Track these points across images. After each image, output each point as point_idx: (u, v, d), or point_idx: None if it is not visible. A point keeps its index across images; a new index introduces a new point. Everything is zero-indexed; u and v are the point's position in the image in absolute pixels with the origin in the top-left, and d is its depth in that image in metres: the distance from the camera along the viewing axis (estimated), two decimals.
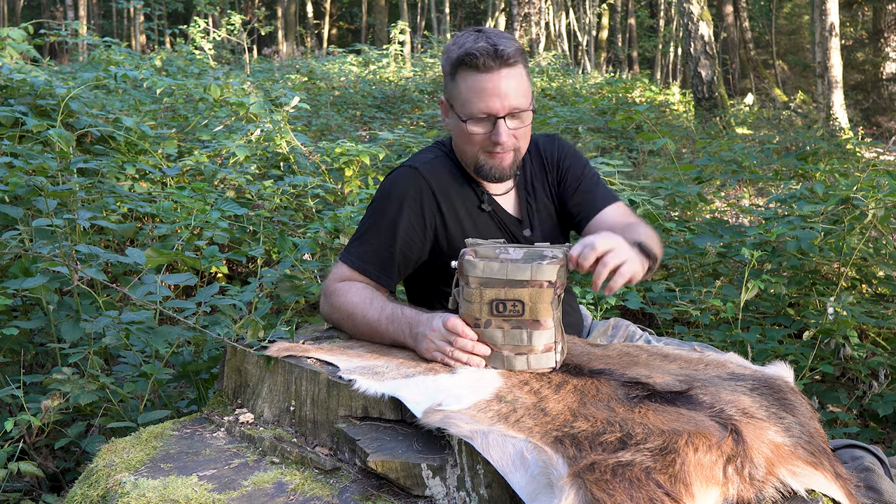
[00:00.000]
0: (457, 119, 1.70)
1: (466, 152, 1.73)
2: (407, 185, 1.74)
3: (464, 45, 1.63)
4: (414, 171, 1.76)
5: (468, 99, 1.64)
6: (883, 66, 14.14)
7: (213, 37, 11.05)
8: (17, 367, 2.23)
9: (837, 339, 2.63)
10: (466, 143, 1.71)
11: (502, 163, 1.71)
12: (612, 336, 1.99)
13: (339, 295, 1.69)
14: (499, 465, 1.13)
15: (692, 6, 9.66)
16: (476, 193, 1.79)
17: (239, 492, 1.26)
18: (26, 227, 2.30)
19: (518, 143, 1.71)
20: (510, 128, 1.66)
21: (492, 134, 1.66)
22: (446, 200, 1.76)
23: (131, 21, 21.11)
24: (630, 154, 6.86)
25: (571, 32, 19.99)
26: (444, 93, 1.74)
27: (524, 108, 1.66)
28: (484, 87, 1.62)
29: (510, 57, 1.62)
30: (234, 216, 3.26)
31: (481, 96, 1.63)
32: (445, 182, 1.76)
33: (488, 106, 1.63)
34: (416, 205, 1.73)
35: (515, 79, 1.64)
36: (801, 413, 1.31)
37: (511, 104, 1.64)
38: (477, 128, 1.67)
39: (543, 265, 1.40)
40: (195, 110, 5.24)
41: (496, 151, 1.69)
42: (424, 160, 1.79)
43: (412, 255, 1.75)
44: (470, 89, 1.64)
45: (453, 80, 1.68)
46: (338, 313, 1.70)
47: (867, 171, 3.48)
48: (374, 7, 22.75)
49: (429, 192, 1.74)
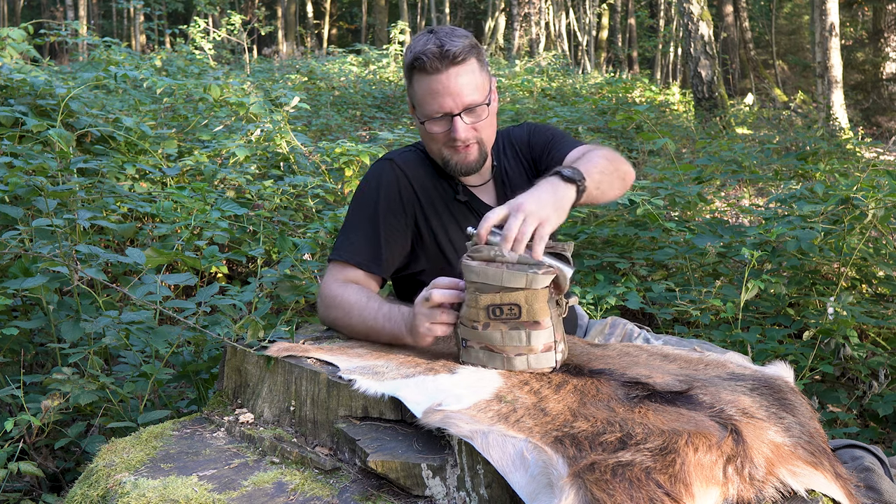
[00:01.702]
0: (418, 121, 1.76)
1: (433, 150, 1.79)
2: (383, 175, 1.80)
3: (414, 48, 1.69)
4: (389, 163, 1.82)
5: (423, 100, 1.70)
6: (883, 66, 14.14)
7: (213, 37, 11.04)
8: (17, 367, 2.23)
9: (837, 339, 2.63)
10: (430, 142, 1.77)
11: (467, 157, 1.76)
12: (610, 335, 1.99)
13: (335, 297, 1.70)
14: (499, 465, 1.13)
15: (692, 6, 9.66)
16: (451, 185, 1.84)
17: (239, 492, 1.26)
18: (26, 227, 2.30)
19: (479, 135, 1.75)
20: (468, 122, 1.71)
21: (450, 131, 1.71)
22: (423, 191, 1.80)
23: (131, 21, 21.11)
24: (630, 154, 6.86)
25: (571, 32, 19.99)
26: (407, 95, 1.80)
27: (478, 102, 1.70)
28: (435, 88, 1.67)
29: (457, 55, 1.65)
30: (234, 216, 3.26)
31: (434, 97, 1.68)
32: (421, 174, 1.82)
33: (441, 105, 1.68)
34: (395, 191, 1.78)
35: (466, 75, 1.68)
36: (801, 413, 1.31)
37: (464, 101, 1.68)
38: (435, 127, 1.72)
39: (539, 274, 1.39)
40: (195, 110, 5.24)
41: (457, 146, 1.73)
42: (399, 153, 1.86)
43: (397, 241, 1.77)
44: (423, 91, 1.69)
45: (410, 83, 1.74)
46: (335, 314, 1.70)
47: (867, 171, 3.48)
48: (374, 7, 22.76)
49: (405, 180, 1.79)
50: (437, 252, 1.81)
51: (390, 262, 1.78)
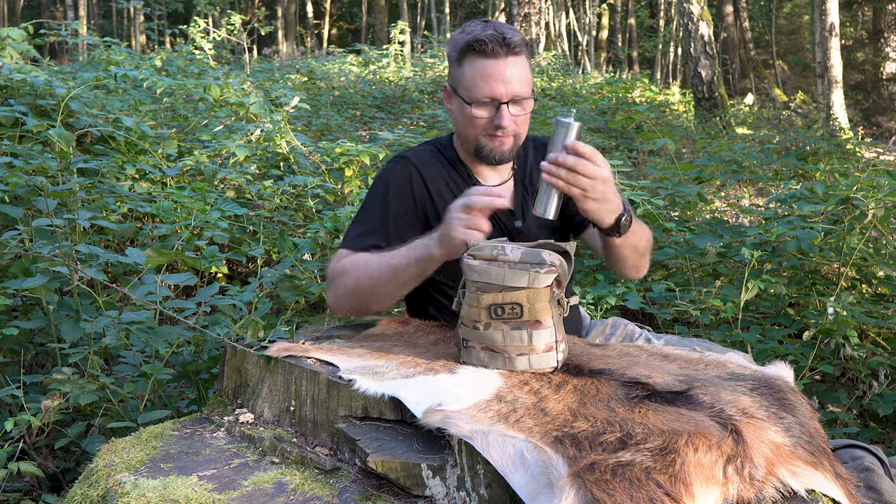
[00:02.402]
0: (461, 103, 1.75)
1: (469, 135, 1.78)
2: (396, 170, 1.82)
3: (472, 32, 1.70)
4: (403, 160, 1.84)
5: (474, 83, 1.70)
6: (883, 66, 14.14)
7: (213, 37, 11.04)
8: (17, 367, 2.23)
9: (837, 339, 2.63)
10: (469, 126, 1.76)
11: (503, 146, 1.77)
12: (611, 335, 1.99)
13: (348, 267, 1.70)
14: (499, 465, 1.13)
15: (692, 6, 9.66)
16: (467, 183, 1.83)
17: (239, 492, 1.26)
18: (26, 227, 2.30)
19: (518, 129, 1.76)
20: (512, 114, 1.72)
21: (495, 118, 1.72)
22: (436, 187, 1.82)
23: (131, 21, 21.11)
24: (630, 154, 6.85)
25: (571, 32, 19.98)
26: (449, 79, 1.80)
27: (526, 95, 1.73)
28: (490, 72, 1.69)
29: (516, 46, 1.69)
30: (234, 216, 3.26)
31: (487, 80, 1.69)
32: (435, 171, 1.83)
33: (493, 90, 1.69)
34: (407, 188, 1.80)
35: (519, 67, 1.71)
36: (801, 413, 1.31)
37: (514, 90, 1.70)
38: (481, 111, 1.72)
39: (541, 274, 1.40)
40: (195, 110, 5.24)
41: (497, 135, 1.74)
42: (414, 151, 1.88)
43: (406, 233, 1.77)
44: (476, 73, 1.70)
45: (460, 65, 1.73)
46: (352, 281, 1.69)
47: (867, 171, 3.48)
48: (374, 7, 22.75)
49: (418, 176, 1.81)
50: None
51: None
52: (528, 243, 1.49)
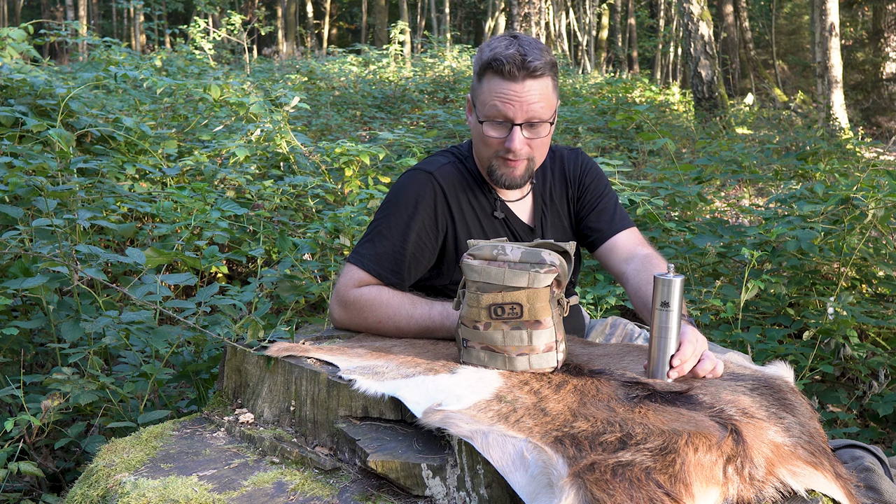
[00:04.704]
0: (476, 119, 1.72)
1: (482, 154, 1.75)
2: (421, 188, 1.76)
3: (495, 48, 1.66)
4: (428, 176, 1.77)
5: (488, 101, 1.66)
6: (883, 66, 14.13)
7: (213, 37, 11.04)
8: (17, 367, 2.23)
9: (837, 339, 2.63)
10: (482, 145, 1.73)
11: (514, 171, 1.72)
12: (611, 335, 1.98)
13: (370, 302, 1.69)
14: (499, 465, 1.13)
15: (692, 6, 9.65)
16: (489, 200, 1.80)
17: (239, 492, 1.26)
18: (26, 227, 2.30)
19: (532, 153, 1.71)
20: (525, 136, 1.68)
21: (506, 140, 1.68)
22: (458, 206, 1.77)
23: (131, 21, 21.11)
24: (630, 154, 6.85)
25: (571, 32, 19.99)
26: (471, 91, 1.77)
27: (543, 119, 1.67)
28: (505, 92, 1.64)
29: (537, 69, 1.63)
30: (234, 216, 3.26)
31: (501, 101, 1.64)
32: (458, 188, 1.78)
33: (506, 111, 1.65)
34: (430, 209, 1.75)
35: (539, 91, 1.65)
36: (801, 413, 1.31)
37: (529, 114, 1.65)
38: (493, 131, 1.69)
39: (541, 273, 1.39)
40: (195, 110, 5.24)
41: (508, 158, 1.70)
42: (438, 164, 1.80)
43: (423, 258, 1.75)
44: (492, 92, 1.66)
45: (479, 80, 1.70)
46: (373, 319, 1.69)
47: (867, 171, 3.48)
48: (374, 7, 22.75)
49: (442, 196, 1.76)
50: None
51: (410, 278, 1.76)
52: (527, 243, 1.49)
